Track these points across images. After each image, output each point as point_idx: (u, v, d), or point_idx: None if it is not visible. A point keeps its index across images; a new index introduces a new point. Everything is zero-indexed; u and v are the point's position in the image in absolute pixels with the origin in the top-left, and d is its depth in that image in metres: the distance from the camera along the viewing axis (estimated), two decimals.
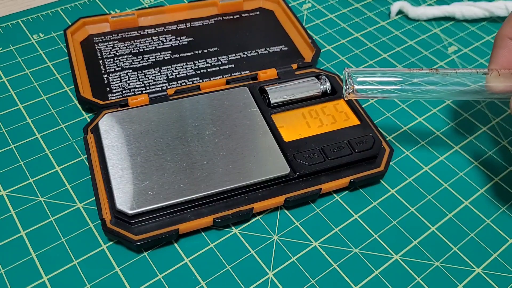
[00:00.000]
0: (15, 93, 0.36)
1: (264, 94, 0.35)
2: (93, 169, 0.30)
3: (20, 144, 0.33)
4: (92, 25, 0.40)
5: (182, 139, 0.31)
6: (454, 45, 0.43)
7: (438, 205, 0.32)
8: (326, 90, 0.36)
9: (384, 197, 0.32)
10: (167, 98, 0.34)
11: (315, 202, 0.32)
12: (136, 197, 0.28)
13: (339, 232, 0.30)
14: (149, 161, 0.30)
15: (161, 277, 0.28)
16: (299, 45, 0.40)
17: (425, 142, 0.36)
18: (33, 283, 0.27)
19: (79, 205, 0.30)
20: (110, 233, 0.28)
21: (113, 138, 0.31)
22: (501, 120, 0.38)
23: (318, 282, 0.28)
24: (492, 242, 0.30)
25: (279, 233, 0.30)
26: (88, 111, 0.36)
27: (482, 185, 0.33)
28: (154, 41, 0.39)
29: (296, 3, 0.46)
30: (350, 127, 0.33)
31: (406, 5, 0.45)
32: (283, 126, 0.33)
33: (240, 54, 0.39)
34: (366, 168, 0.32)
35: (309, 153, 0.32)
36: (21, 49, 0.40)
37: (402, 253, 0.30)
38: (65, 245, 0.29)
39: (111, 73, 0.37)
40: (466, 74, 0.29)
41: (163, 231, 0.28)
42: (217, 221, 0.29)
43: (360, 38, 0.43)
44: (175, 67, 0.38)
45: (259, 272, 0.28)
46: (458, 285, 0.28)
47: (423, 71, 0.29)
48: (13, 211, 0.30)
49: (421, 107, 0.38)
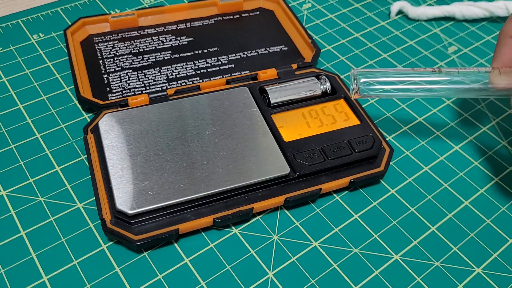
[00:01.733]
0: (15, 93, 0.36)
1: (264, 94, 0.35)
2: (93, 169, 0.30)
3: (20, 144, 0.33)
4: (92, 25, 0.40)
5: (182, 139, 0.31)
6: (454, 45, 0.43)
7: (438, 205, 0.32)
8: (326, 90, 0.36)
9: (384, 197, 0.32)
10: (167, 98, 0.34)
11: (315, 202, 0.32)
12: (136, 197, 0.28)
13: (339, 232, 0.30)
14: (149, 161, 0.30)
15: (161, 277, 0.28)
16: (299, 45, 0.40)
17: (425, 142, 0.36)
18: (33, 283, 0.27)
19: (79, 205, 0.30)
20: (110, 233, 0.28)
21: (113, 138, 0.31)
22: (501, 120, 0.38)
23: (318, 282, 0.28)
24: (492, 242, 0.30)
25: (279, 233, 0.30)
26: (88, 111, 0.36)
27: (482, 185, 0.33)
28: (154, 41, 0.39)
29: (296, 3, 0.46)
30: (350, 127, 0.33)
31: (406, 5, 0.45)
32: (283, 126, 0.33)
33: (240, 54, 0.39)
34: (366, 168, 0.32)
35: (309, 153, 0.32)
36: (21, 49, 0.40)
37: (402, 253, 0.30)
38: (65, 245, 0.29)
39: (111, 73, 0.37)
40: (469, 72, 0.29)
41: (163, 231, 0.28)
42: (217, 221, 0.29)
43: (360, 38, 0.43)
44: (175, 67, 0.38)
45: (259, 272, 0.28)
46: (458, 285, 0.28)
47: (426, 71, 0.30)
48: (13, 211, 0.30)
49: (421, 107, 0.38)
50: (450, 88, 0.30)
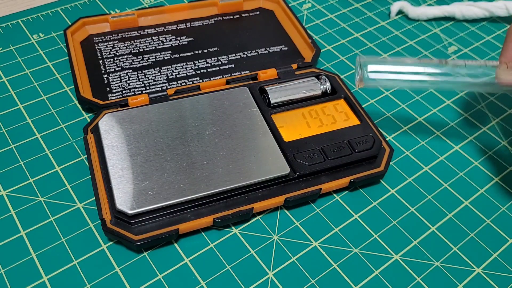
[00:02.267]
0: (15, 93, 0.36)
1: (264, 94, 0.35)
2: (93, 169, 0.30)
3: (20, 144, 0.33)
4: (92, 25, 0.40)
5: (182, 139, 0.31)
6: (454, 45, 0.43)
7: (438, 205, 0.32)
8: (326, 90, 0.36)
9: (384, 197, 0.32)
10: (167, 98, 0.34)
11: (315, 202, 0.32)
12: (136, 197, 0.28)
13: (339, 232, 0.30)
14: (149, 161, 0.30)
15: (161, 277, 0.28)
16: (299, 45, 0.40)
17: (425, 142, 0.36)
18: (33, 283, 0.27)
19: (79, 205, 0.30)
20: (110, 233, 0.28)
21: (113, 138, 0.31)
22: (501, 120, 0.38)
23: (318, 282, 0.28)
24: (492, 242, 0.30)
25: (279, 233, 0.30)
26: (88, 111, 0.36)
27: (482, 185, 0.33)
28: (154, 41, 0.39)
29: (296, 3, 0.46)
30: (350, 127, 0.33)
31: (406, 5, 0.45)
32: (283, 126, 0.33)
33: (240, 54, 0.39)
34: (366, 168, 0.32)
35: (309, 153, 0.32)
36: (21, 49, 0.40)
37: (402, 253, 0.30)
38: (65, 245, 0.29)
39: (111, 73, 0.37)
40: (476, 66, 0.29)
41: (163, 231, 0.28)
42: (217, 221, 0.29)
43: (360, 38, 0.43)
44: (175, 67, 0.38)
45: (259, 272, 0.28)
46: (458, 285, 0.28)
47: (432, 62, 0.30)
48: (13, 211, 0.30)
49: (421, 107, 0.38)
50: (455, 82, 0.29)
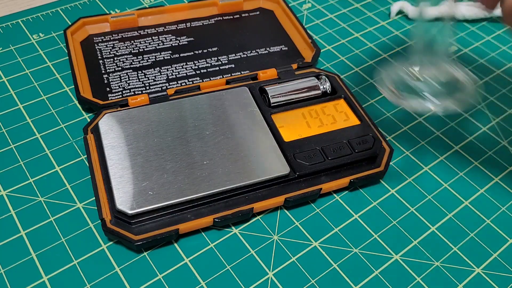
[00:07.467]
0: (15, 93, 0.36)
1: (264, 94, 0.35)
2: (93, 169, 0.30)
3: (20, 144, 0.33)
4: (92, 25, 0.40)
5: (182, 139, 0.31)
6: (454, 45, 0.43)
7: (438, 205, 0.32)
8: (326, 90, 0.36)
9: (384, 197, 0.32)
10: (167, 98, 0.34)
11: (315, 202, 0.32)
12: (136, 197, 0.28)
13: (339, 232, 0.30)
14: (149, 161, 0.30)
15: (161, 277, 0.28)
16: (299, 45, 0.40)
17: (425, 142, 0.36)
18: (33, 283, 0.27)
19: (79, 205, 0.30)
20: (110, 233, 0.28)
21: (113, 138, 0.31)
22: (501, 120, 0.38)
23: (318, 282, 0.28)
24: (492, 242, 0.30)
25: (279, 233, 0.30)
26: (88, 111, 0.36)
27: (482, 185, 0.33)
28: (154, 41, 0.39)
29: (296, 3, 0.46)
30: (350, 127, 0.33)
31: (406, 5, 0.45)
32: (283, 126, 0.33)
33: (240, 54, 0.39)
34: (366, 168, 0.32)
35: (309, 153, 0.32)
36: (21, 49, 0.40)
37: (402, 253, 0.30)
38: (65, 245, 0.29)
39: (111, 73, 0.37)
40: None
41: (163, 231, 0.28)
42: (217, 221, 0.29)
43: (360, 38, 0.43)
44: (175, 67, 0.38)
45: (259, 272, 0.28)
46: (458, 285, 0.28)
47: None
48: (13, 211, 0.30)
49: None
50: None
